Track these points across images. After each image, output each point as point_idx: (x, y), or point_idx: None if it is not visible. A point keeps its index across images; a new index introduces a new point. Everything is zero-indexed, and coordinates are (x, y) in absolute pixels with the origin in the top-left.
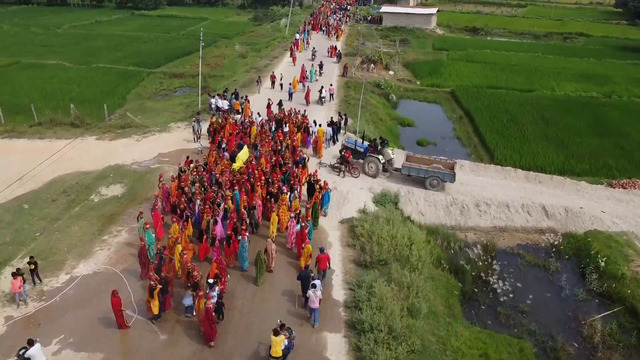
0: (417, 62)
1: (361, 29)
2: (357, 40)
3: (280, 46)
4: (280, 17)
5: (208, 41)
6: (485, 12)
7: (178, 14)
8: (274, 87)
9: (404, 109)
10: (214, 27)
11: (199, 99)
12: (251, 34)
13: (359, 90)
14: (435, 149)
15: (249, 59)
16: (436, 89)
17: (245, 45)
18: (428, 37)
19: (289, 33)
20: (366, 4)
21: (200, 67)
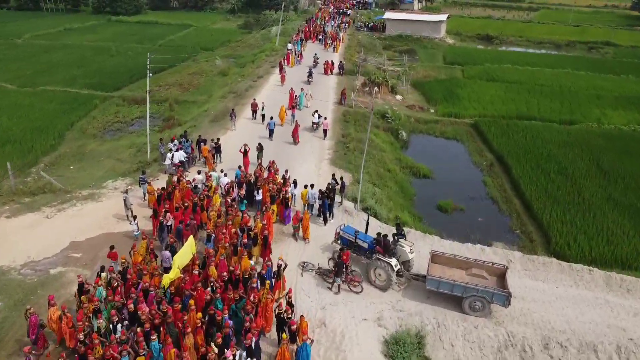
0: (428, 82)
1: (362, 38)
2: (358, 55)
3: (268, 61)
4: (273, 24)
5: (187, 54)
6: (496, 17)
7: (159, 21)
8: (255, 118)
9: (417, 150)
10: (196, 36)
11: (147, 146)
12: (238, 44)
13: (360, 125)
14: (465, 219)
15: (230, 78)
16: (455, 120)
17: (228, 59)
18: (437, 47)
19: (279, 44)
20: (367, 8)
21: (147, 100)
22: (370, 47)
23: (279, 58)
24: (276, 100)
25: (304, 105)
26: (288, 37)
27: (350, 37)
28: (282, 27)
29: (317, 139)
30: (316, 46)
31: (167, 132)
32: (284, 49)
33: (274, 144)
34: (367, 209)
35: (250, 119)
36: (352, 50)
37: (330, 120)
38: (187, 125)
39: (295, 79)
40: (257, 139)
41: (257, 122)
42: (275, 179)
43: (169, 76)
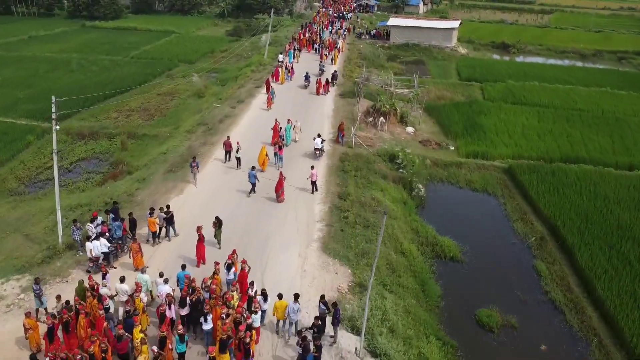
0: (443, 107)
1: (363, 47)
2: (359, 71)
3: (254, 78)
4: (265, 30)
5: (162, 68)
6: (509, 22)
7: (138, 27)
8: (228, 160)
9: (439, 212)
10: (177, 45)
11: (62, 223)
12: (223, 54)
13: (362, 176)
14: (519, 342)
15: (207, 101)
16: (482, 162)
17: (208, 75)
18: (449, 58)
19: (269, 56)
20: (369, 11)
21: (55, 162)
22: (373, 59)
23: (266, 74)
24: (257, 134)
25: (291, 139)
26: (280, 46)
27: (350, 46)
28: (275, 33)
29: (306, 195)
30: (312, 57)
31: (109, 187)
32: (273, 62)
33: (247, 205)
34: (376, 355)
35: (222, 162)
36: (353, 63)
37: (324, 168)
38: (137, 176)
39: (284, 100)
40: (226, 199)
41: (230, 166)
42: (231, 299)
43: (133, 98)
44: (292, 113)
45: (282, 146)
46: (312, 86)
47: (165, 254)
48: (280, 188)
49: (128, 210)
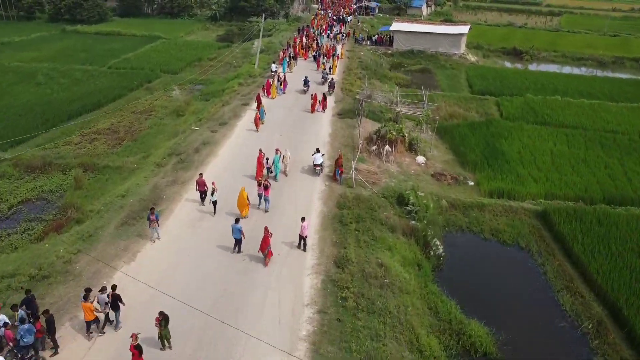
0: (457, 127)
1: (364, 55)
2: (360, 84)
3: (242, 92)
4: (259, 34)
5: (141, 80)
6: (518, 25)
7: (122, 31)
8: (202, 203)
9: (461, 277)
10: (162, 52)
11: None
12: (211, 63)
13: (365, 230)
14: None
15: (185, 121)
16: (509, 204)
17: (192, 87)
18: (458, 66)
19: (260, 66)
20: (370, 14)
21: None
22: (375, 68)
23: (255, 88)
24: (240, 166)
25: (280, 172)
26: (274, 54)
27: (350, 53)
28: (269, 39)
29: (294, 258)
30: (308, 65)
31: (47, 243)
32: (265, 72)
33: (220, 276)
34: None
35: (196, 203)
36: (353, 75)
37: (318, 218)
38: (84, 229)
39: (275, 119)
40: (192, 266)
41: (205, 211)
42: None
43: (103, 117)
44: (283, 138)
45: (268, 185)
46: (311, 93)
47: (109, 353)
48: (265, 247)
49: (52, 295)
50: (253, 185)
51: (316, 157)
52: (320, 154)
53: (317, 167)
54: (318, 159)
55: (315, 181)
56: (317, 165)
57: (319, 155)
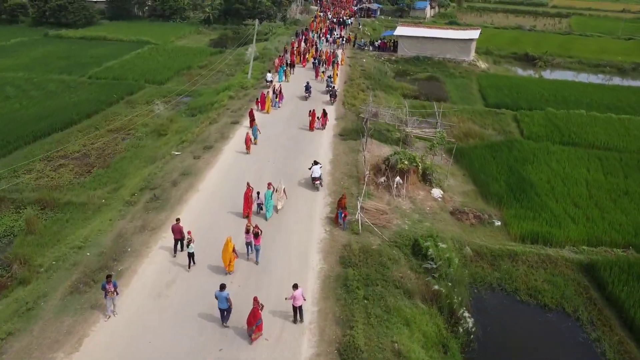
0: (474, 150)
1: (367, 62)
2: (365, 101)
3: (232, 108)
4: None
5: (121, 92)
6: (527, 28)
7: (109, 36)
8: (179, 251)
9: (496, 358)
10: (148, 59)
11: None
12: (200, 72)
13: (376, 296)
14: None
15: (166, 142)
16: (546, 253)
17: (178, 100)
18: (468, 74)
19: (253, 76)
20: (371, 16)
21: None
22: (379, 77)
23: (247, 102)
24: (227, 203)
25: (272, 211)
26: (270, 61)
27: (352, 60)
28: (265, 43)
29: (291, 338)
30: (307, 74)
31: None
32: (259, 82)
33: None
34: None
35: (167, 258)
36: (355, 85)
37: (317, 282)
38: (26, 296)
39: (269, 139)
40: (156, 346)
41: (180, 264)
42: None
43: (75, 137)
44: (277, 165)
45: (258, 233)
46: (312, 101)
47: None
48: (254, 321)
49: None
50: (240, 226)
51: (314, 169)
52: (318, 166)
53: (316, 181)
54: (316, 172)
55: (311, 228)
56: (315, 179)
57: (317, 168)
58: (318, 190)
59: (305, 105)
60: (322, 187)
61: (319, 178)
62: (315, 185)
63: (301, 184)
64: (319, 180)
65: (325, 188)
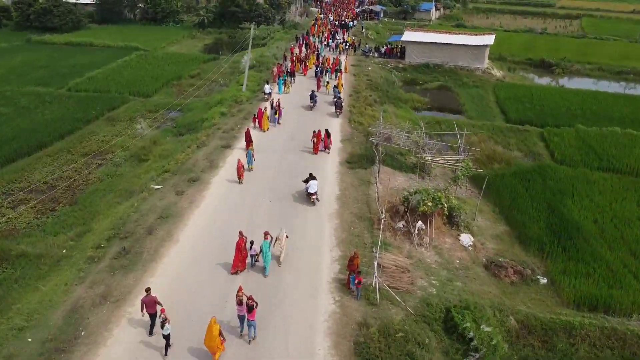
0: (501, 179)
1: (373, 70)
2: (373, 118)
3: (223, 128)
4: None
5: (102, 107)
6: (539, 31)
7: (95, 42)
8: (151, 333)
9: None
10: (135, 68)
11: None
12: (191, 82)
13: None
14: None
15: (148, 170)
16: (612, 325)
17: (165, 116)
18: (482, 83)
19: (249, 87)
20: (374, 18)
21: None
22: (387, 88)
23: (241, 120)
24: (212, 256)
25: (269, 267)
26: (267, 70)
27: (356, 68)
28: (262, 49)
29: None
30: (310, 83)
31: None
32: (255, 95)
33: None
34: None
35: (132, 340)
36: (362, 99)
37: None
38: None
39: (265, 164)
40: None
41: (152, 348)
42: None
43: (43, 163)
44: (274, 202)
45: (253, 306)
46: (317, 112)
47: None
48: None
49: None
50: (230, 290)
51: (311, 184)
52: (315, 182)
53: (312, 196)
54: (313, 187)
55: (317, 297)
56: (311, 194)
57: (314, 183)
58: (314, 205)
59: (308, 120)
60: (318, 202)
61: (314, 193)
62: (312, 200)
63: (303, 225)
64: (314, 196)
65: (333, 237)
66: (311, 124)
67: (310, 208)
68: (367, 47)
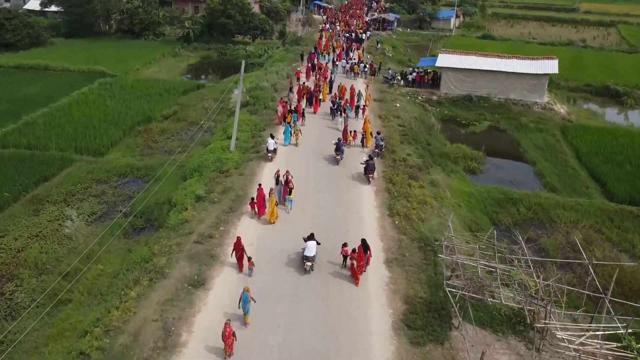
0: None
1: (402, 108)
2: (445, 230)
3: (199, 229)
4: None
5: (30, 177)
6: (580, 44)
7: (51, 64)
8: None
9: None
10: (94, 104)
11: None
12: (164, 126)
13: None
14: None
15: (61, 333)
16: None
17: (120, 185)
18: (546, 125)
19: (240, 144)
20: (387, 28)
21: None
22: (427, 137)
23: (226, 212)
24: None
25: None
26: (265, 110)
27: (381, 105)
28: (258, 78)
29: None
30: (323, 123)
31: None
32: (249, 158)
33: None
34: None
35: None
36: (399, 164)
37: None
38: None
39: (271, 315)
40: None
41: None
42: None
43: None
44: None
45: None
46: (345, 176)
47: None
48: None
49: None
50: None
51: (308, 245)
52: (314, 242)
53: (308, 261)
54: (311, 250)
55: None
56: (307, 259)
57: (312, 244)
58: (309, 273)
59: (331, 193)
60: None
61: (312, 258)
62: (305, 268)
63: None
64: (310, 261)
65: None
66: (335, 203)
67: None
68: (389, 73)
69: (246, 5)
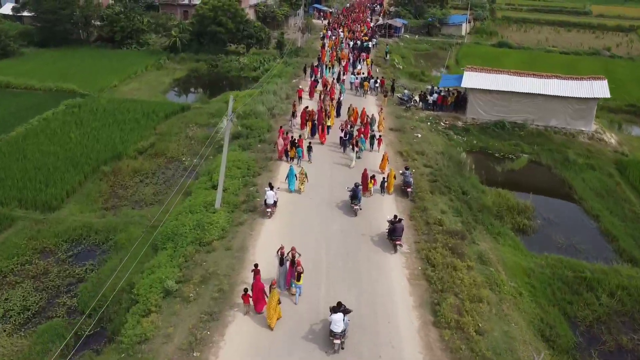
0: None
1: (425, 140)
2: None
3: (180, 333)
4: (241, 76)
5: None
6: (607, 53)
7: (14, 81)
8: None
9: None
10: (54, 135)
11: None
12: (137, 165)
13: None
14: None
15: None
16: None
17: (72, 255)
18: (595, 158)
19: (228, 197)
20: (394, 35)
21: None
22: (459, 180)
23: (208, 315)
24: None
25: None
26: (261, 144)
27: (399, 135)
28: (255, 93)
29: None
30: (331, 157)
31: None
32: (236, 224)
33: None
34: None
35: None
36: (433, 227)
37: None
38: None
39: None
40: None
41: None
42: None
43: None
44: None
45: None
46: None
47: None
48: None
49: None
50: None
51: (334, 319)
52: (341, 315)
53: (337, 338)
54: (338, 324)
55: None
56: (336, 335)
57: (338, 317)
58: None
59: (351, 280)
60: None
61: (341, 334)
62: (334, 347)
63: None
64: (340, 337)
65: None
66: (356, 295)
67: None
68: (406, 94)
69: (239, 11)
